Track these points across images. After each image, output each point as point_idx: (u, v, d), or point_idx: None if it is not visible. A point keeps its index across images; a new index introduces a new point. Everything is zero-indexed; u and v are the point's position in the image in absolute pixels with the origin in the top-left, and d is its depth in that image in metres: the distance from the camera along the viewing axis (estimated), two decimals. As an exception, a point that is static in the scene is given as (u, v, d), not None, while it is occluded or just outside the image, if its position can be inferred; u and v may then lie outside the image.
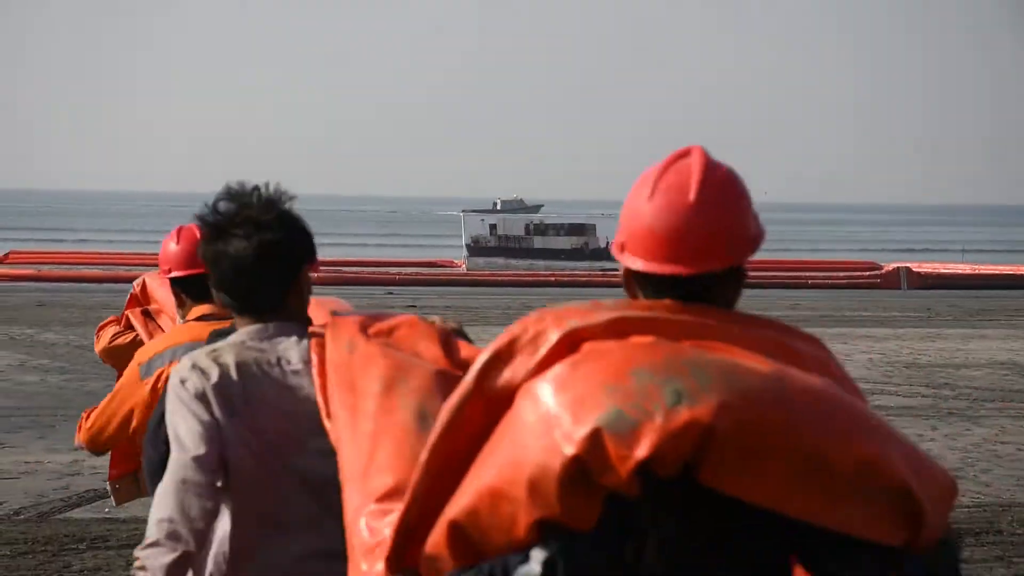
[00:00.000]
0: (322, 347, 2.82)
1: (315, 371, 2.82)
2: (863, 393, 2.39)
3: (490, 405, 2.32)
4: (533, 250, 48.44)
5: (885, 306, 34.36)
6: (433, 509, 2.33)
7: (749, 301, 33.17)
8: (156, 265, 4.95)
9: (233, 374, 3.00)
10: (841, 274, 45.70)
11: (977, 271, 47.07)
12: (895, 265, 46.24)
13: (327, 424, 2.76)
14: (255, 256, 3.07)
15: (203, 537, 2.94)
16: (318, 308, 3.20)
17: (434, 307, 32.26)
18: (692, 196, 2.33)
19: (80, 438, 4.70)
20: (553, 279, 44.20)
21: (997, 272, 47.10)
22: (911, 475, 2.23)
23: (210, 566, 3.08)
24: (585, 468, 2.16)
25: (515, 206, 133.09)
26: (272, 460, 3.01)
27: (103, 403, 4.64)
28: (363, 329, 2.78)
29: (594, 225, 50.05)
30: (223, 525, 3.06)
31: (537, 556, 2.19)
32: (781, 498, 2.18)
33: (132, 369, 4.53)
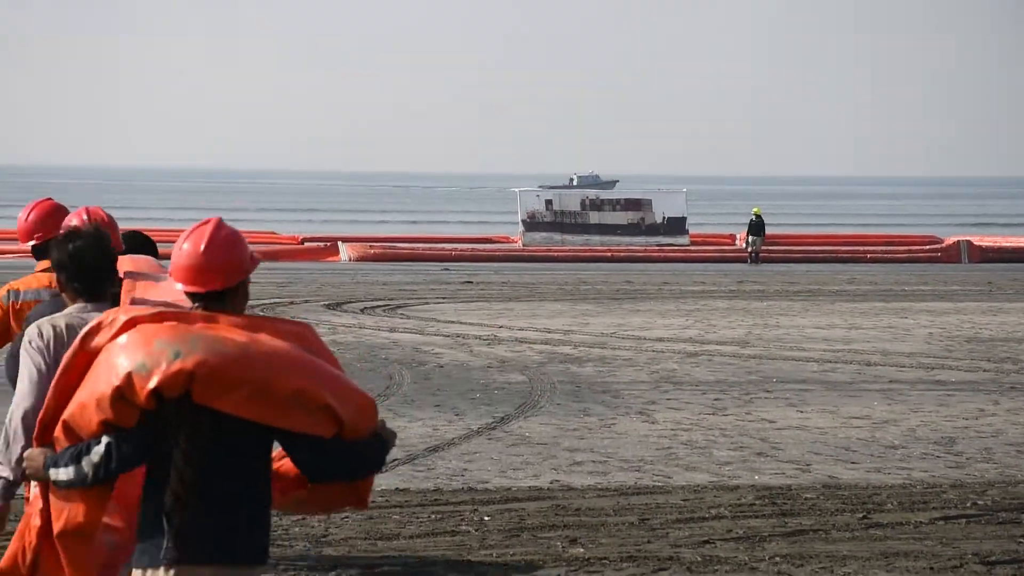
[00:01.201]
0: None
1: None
2: (328, 350, 4.23)
3: (88, 356, 4.21)
4: (589, 225, 48.19)
5: (946, 280, 34.00)
6: (59, 412, 4.23)
7: (808, 275, 32.72)
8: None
9: (64, 334, 4.99)
10: (901, 248, 45.23)
11: (1039, 244, 46.40)
12: (956, 239, 45.73)
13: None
14: (107, 264, 5.11)
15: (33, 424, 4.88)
16: (127, 264, 5.15)
17: (490, 283, 32.27)
18: (203, 247, 4.22)
19: None
20: (609, 254, 44.00)
21: (1060, 245, 46.46)
22: (332, 397, 4.08)
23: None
24: (123, 393, 4.05)
25: (591, 181, 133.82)
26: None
27: None
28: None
29: (650, 200, 49.69)
30: None
31: (104, 440, 4.11)
32: (244, 410, 4.04)
33: (1, 292, 6.24)
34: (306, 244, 45.48)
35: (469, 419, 13.23)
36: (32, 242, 6.34)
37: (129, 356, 4.06)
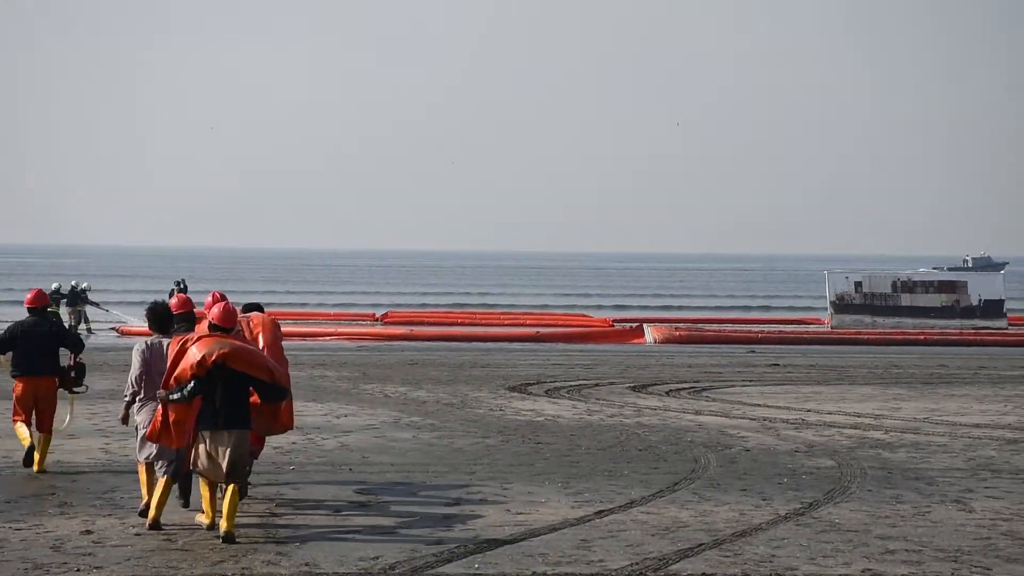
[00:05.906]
0: (177, 339, 12.14)
1: (172, 347, 12.08)
2: (284, 356, 12.90)
3: (184, 350, 11.77)
4: (901, 308, 47.14)
5: None
6: (172, 373, 11.78)
7: (966, 361, 29.89)
8: (525, 324, 5.46)
9: (152, 347, 12.65)
10: None
11: None
12: None
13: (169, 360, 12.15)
14: (167, 318, 12.83)
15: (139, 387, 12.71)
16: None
17: (797, 365, 31.78)
18: (218, 311, 12.11)
19: None
20: (922, 337, 42.81)
21: None
22: (275, 369, 11.90)
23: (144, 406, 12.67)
24: (200, 363, 11.57)
25: (984, 263, 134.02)
26: (155, 371, 12.51)
27: None
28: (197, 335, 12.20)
29: (965, 282, 48.31)
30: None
31: (192, 384, 11.52)
32: (243, 369, 11.67)
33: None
34: (615, 327, 45.87)
35: (776, 504, 13.03)
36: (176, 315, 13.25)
37: (201, 350, 11.36)
